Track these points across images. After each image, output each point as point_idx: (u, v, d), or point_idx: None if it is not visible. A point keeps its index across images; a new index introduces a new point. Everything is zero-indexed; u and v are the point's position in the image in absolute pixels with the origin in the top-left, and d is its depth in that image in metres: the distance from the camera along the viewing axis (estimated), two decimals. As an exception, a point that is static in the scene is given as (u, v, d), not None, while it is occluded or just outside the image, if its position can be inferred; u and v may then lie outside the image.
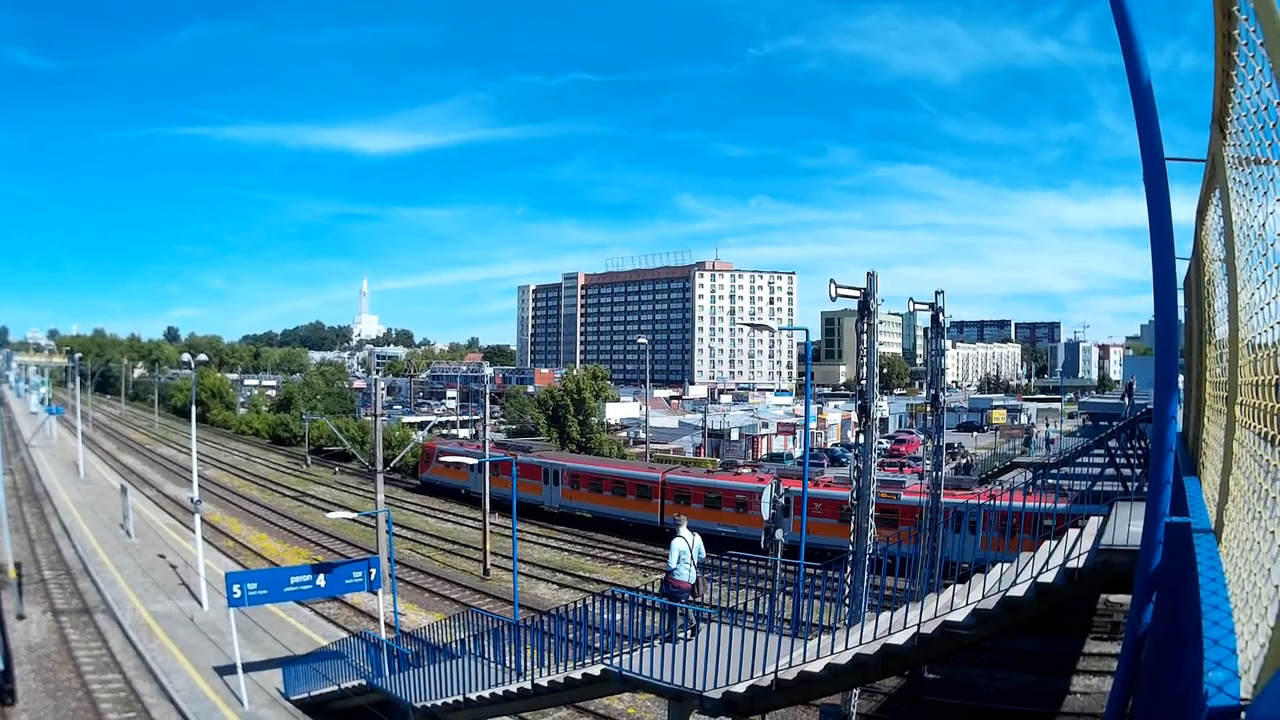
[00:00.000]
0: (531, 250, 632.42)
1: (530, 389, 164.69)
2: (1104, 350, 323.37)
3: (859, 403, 28.22)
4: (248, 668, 33.98)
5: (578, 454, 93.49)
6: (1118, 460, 54.20)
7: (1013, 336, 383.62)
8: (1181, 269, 14.84)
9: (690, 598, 20.67)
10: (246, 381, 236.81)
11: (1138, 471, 50.47)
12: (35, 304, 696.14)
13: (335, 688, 30.37)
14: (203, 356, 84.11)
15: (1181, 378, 15.19)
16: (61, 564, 53.80)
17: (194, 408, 62.38)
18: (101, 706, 32.77)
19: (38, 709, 32.28)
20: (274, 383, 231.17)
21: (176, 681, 34.45)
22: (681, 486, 66.51)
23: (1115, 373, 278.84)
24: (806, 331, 42.27)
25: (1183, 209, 10.00)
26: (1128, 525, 14.15)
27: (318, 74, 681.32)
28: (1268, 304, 5.18)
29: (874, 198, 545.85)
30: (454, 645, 26.68)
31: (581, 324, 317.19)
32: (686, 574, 20.75)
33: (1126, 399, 77.21)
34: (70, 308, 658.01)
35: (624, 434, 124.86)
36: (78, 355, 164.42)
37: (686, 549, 20.97)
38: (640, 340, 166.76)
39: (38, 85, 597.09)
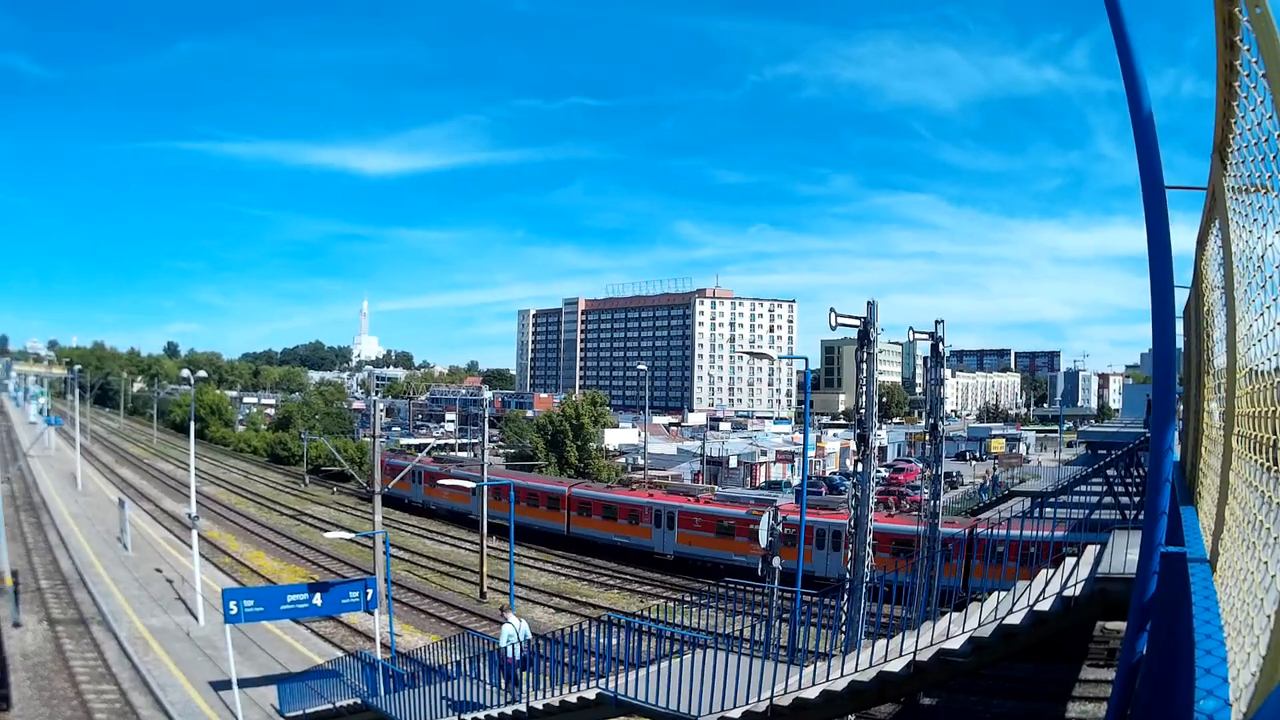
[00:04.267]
0: (529, 274, 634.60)
1: (529, 413, 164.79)
2: (1103, 379, 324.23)
3: (858, 431, 28.23)
4: (243, 684, 33.82)
5: (507, 471, 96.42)
6: (1115, 489, 54.35)
7: (1012, 365, 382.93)
8: (1181, 298, 14.89)
9: (520, 671, 23.50)
10: (245, 399, 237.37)
11: (1136, 500, 50.63)
12: (34, 314, 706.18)
13: (330, 706, 30.36)
14: (202, 373, 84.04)
15: (1181, 407, 15.22)
16: (58, 574, 53.74)
17: (193, 424, 62.42)
18: (96, 716, 32.77)
19: (32, 716, 32.25)
20: (273, 401, 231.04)
21: (171, 695, 34.43)
22: (584, 500, 73.10)
23: (1115, 401, 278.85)
24: (806, 360, 42.53)
25: (1182, 238, 10.04)
26: (1125, 554, 14.15)
27: (316, 92, 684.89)
28: (1267, 334, 5.20)
29: (872, 226, 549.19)
30: (450, 667, 26.66)
31: (581, 349, 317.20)
32: (515, 651, 23.74)
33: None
34: (69, 318, 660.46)
35: (622, 460, 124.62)
36: (77, 367, 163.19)
37: (514, 632, 24.38)
38: (640, 367, 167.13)
39: (37, 93, 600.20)
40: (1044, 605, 13.35)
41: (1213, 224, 8.83)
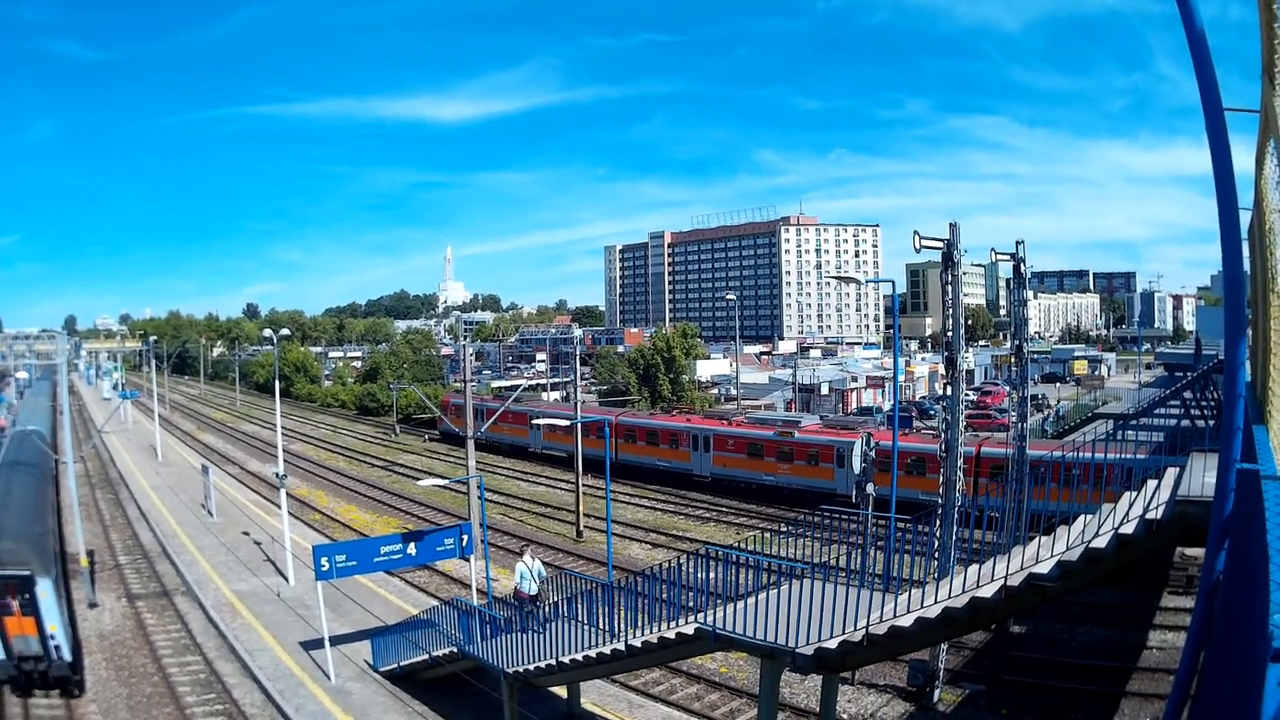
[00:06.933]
0: (613, 210, 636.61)
1: (620, 349, 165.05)
2: (1177, 300, 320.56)
3: (946, 355, 28.15)
4: (335, 641, 33.48)
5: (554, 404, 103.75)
6: (1192, 412, 54.11)
7: (1091, 286, 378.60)
8: (1245, 219, 14.65)
9: (532, 605, 26.74)
10: (331, 354, 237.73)
11: (1212, 423, 50.19)
12: (105, 291, 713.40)
13: (425, 657, 30.03)
14: (285, 331, 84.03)
15: (1250, 331, 15.04)
16: (138, 548, 52.79)
17: (277, 382, 62.19)
18: (179, 690, 31.90)
19: (109, 698, 31.34)
20: (359, 354, 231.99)
21: (260, 659, 33.88)
22: (628, 428, 77.64)
23: (1189, 323, 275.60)
24: (893, 284, 42.25)
25: (1243, 159, 10.01)
26: (1202, 476, 14.08)
27: (384, 46, 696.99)
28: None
29: (950, 148, 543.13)
30: (545, 609, 26.91)
31: (669, 282, 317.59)
32: (528, 587, 27.45)
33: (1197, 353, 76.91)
34: (142, 291, 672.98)
35: (715, 391, 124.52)
36: (152, 338, 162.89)
37: (527, 570, 27.80)
38: (729, 297, 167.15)
39: (90, 76, 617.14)
40: (1127, 529, 13.35)
41: (1268, 145, 8.77)
